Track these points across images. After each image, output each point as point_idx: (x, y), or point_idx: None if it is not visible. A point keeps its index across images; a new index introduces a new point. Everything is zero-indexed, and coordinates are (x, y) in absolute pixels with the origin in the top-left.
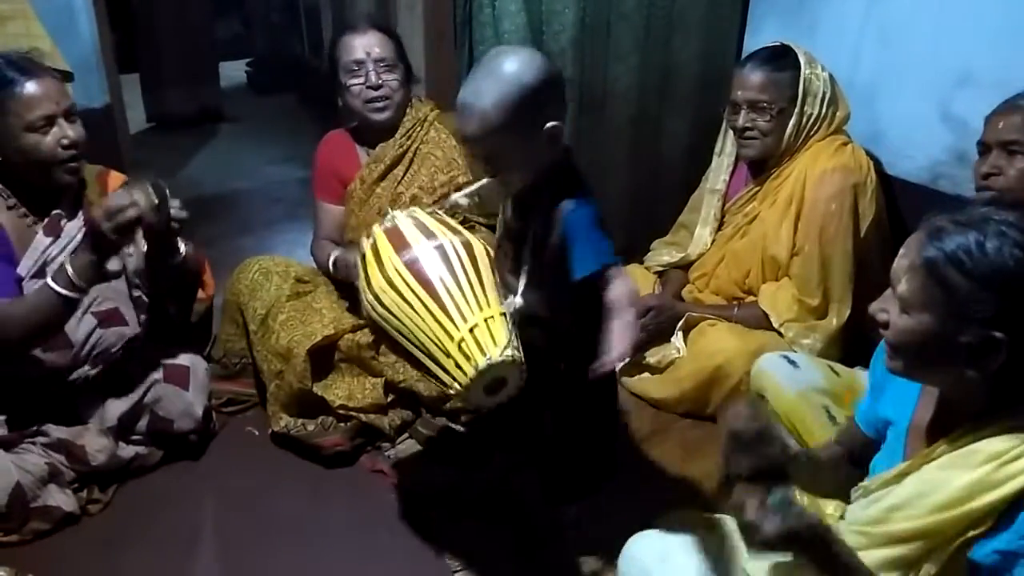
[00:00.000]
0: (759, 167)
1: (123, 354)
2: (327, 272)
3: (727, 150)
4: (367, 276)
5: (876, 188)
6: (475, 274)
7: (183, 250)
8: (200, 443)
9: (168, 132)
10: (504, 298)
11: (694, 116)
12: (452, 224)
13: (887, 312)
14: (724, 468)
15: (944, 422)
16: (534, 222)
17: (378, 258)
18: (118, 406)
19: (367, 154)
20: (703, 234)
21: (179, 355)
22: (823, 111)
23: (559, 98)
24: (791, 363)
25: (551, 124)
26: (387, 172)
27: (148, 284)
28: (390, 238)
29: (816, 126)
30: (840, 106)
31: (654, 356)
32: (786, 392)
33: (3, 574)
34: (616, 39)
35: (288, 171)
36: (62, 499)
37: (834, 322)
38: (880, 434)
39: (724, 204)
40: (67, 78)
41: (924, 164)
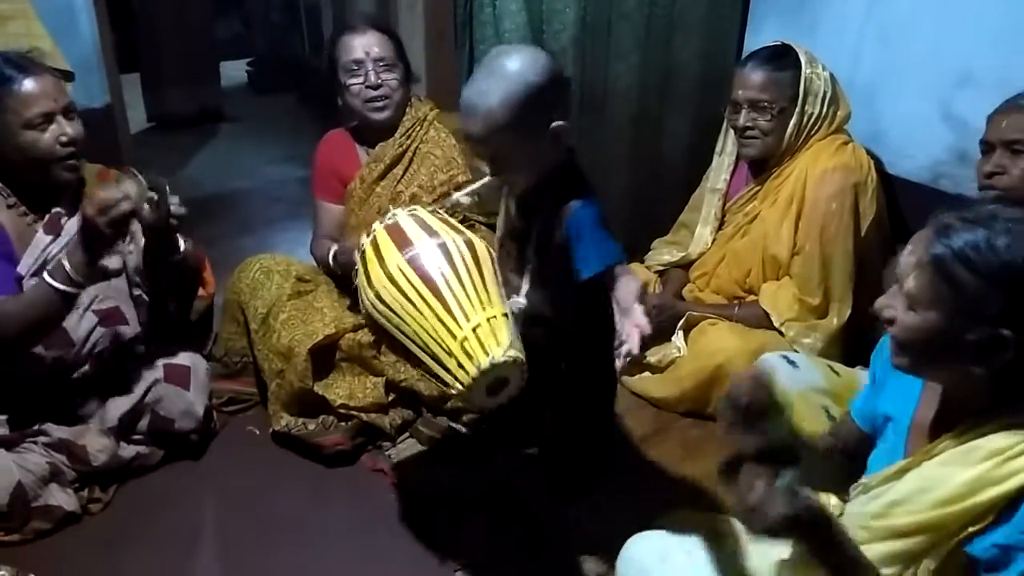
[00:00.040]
0: (760, 166)
1: (123, 352)
2: (328, 268)
3: (728, 149)
4: (367, 273)
5: (877, 187)
6: (478, 273)
7: (183, 247)
8: (201, 443)
9: (168, 132)
10: (507, 297)
11: (695, 115)
12: (453, 223)
13: (893, 309)
14: (729, 445)
15: (947, 419)
16: (538, 222)
17: (379, 255)
18: (119, 406)
19: (367, 153)
20: (704, 233)
21: (180, 355)
22: (824, 110)
23: (564, 97)
24: (791, 363)
25: (555, 124)
26: (387, 171)
27: (148, 281)
28: (391, 235)
29: (817, 125)
30: (841, 105)
31: (655, 355)
32: (786, 392)
33: (4, 573)
34: (617, 38)
35: (288, 170)
36: (63, 498)
37: (835, 321)
38: (876, 430)
39: (725, 203)
40: (68, 78)
41: (925, 163)
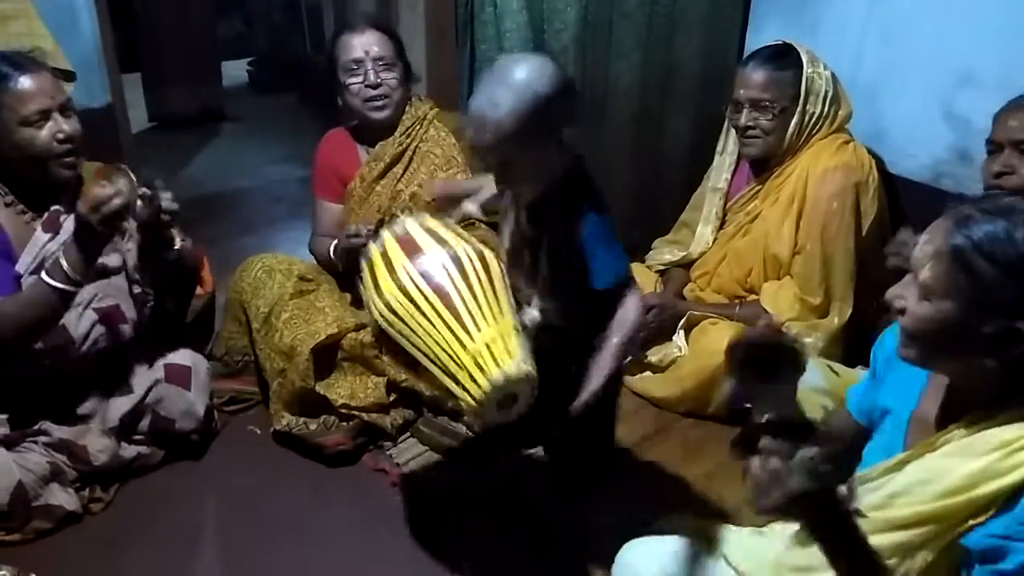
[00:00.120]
0: (761, 166)
1: (123, 350)
2: (328, 263)
3: (729, 148)
4: (375, 282)
5: (878, 187)
6: (489, 284)
7: (179, 244)
8: (202, 442)
9: (170, 131)
10: (518, 307)
11: (696, 114)
12: (461, 231)
13: (904, 299)
14: (742, 410)
15: (952, 412)
16: (549, 230)
17: (389, 264)
18: (120, 406)
19: (367, 152)
20: (705, 232)
21: (181, 354)
22: (825, 110)
23: (572, 106)
24: None
25: (564, 132)
26: (387, 170)
27: (144, 278)
28: (401, 244)
29: (818, 125)
30: (842, 105)
31: (656, 355)
32: None
33: (5, 573)
34: (618, 37)
35: (290, 170)
36: (64, 498)
37: (836, 321)
38: (873, 423)
39: (726, 203)
40: (69, 77)
41: (926, 163)
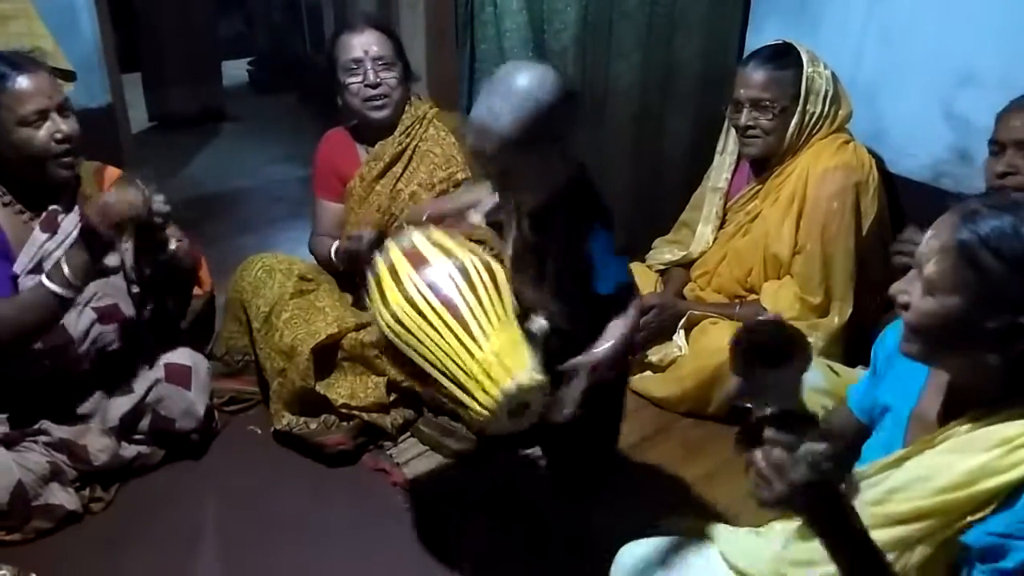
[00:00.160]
0: (761, 165)
1: (123, 349)
2: (328, 264)
3: (729, 148)
4: (383, 295)
5: (878, 186)
6: (496, 294)
7: (173, 245)
8: (202, 442)
9: (170, 131)
10: (526, 315)
11: (696, 114)
12: (466, 242)
13: (908, 294)
14: (747, 401)
15: (953, 409)
16: (554, 237)
17: (395, 276)
18: (120, 406)
19: (367, 152)
20: (705, 232)
21: (181, 354)
22: (825, 109)
23: (574, 115)
24: None
25: (566, 141)
26: (386, 170)
27: (139, 279)
28: (407, 256)
29: (818, 124)
30: (842, 104)
31: (656, 355)
32: None
33: (6, 573)
34: (618, 37)
35: (290, 169)
36: (64, 497)
37: (836, 320)
38: (873, 421)
39: (726, 202)
40: (69, 77)
41: (926, 162)
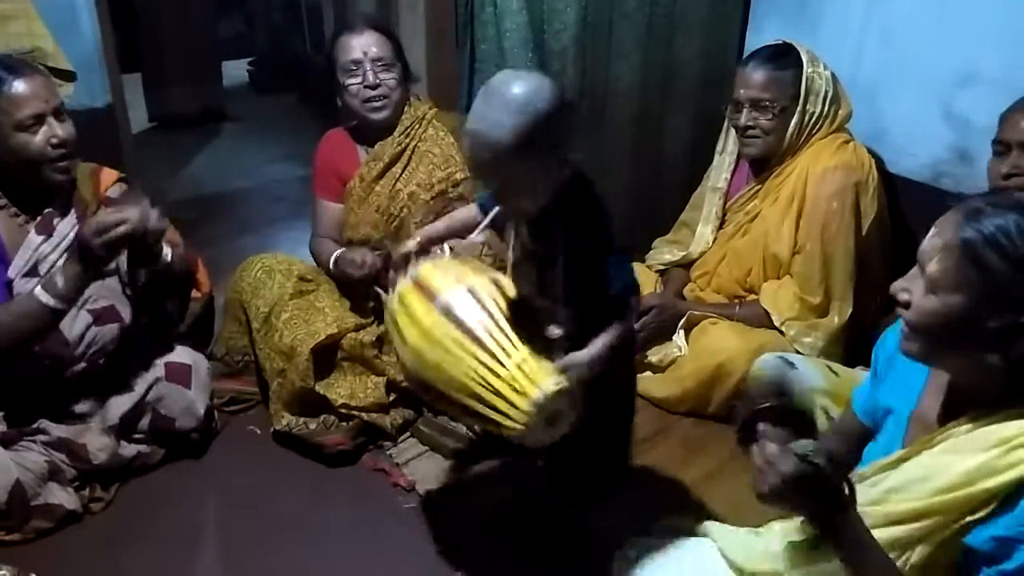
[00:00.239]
0: (761, 165)
1: (120, 350)
2: (327, 269)
3: (729, 148)
4: (401, 334)
5: (878, 186)
6: (508, 309)
7: (169, 255)
8: (202, 442)
9: (170, 131)
10: (533, 321)
11: (696, 114)
12: (470, 261)
13: (909, 292)
14: (747, 404)
15: (953, 411)
16: (555, 244)
17: (409, 313)
18: (120, 405)
19: (366, 152)
20: (705, 232)
21: (181, 353)
22: (825, 109)
23: (570, 123)
24: (789, 364)
25: (564, 148)
26: (386, 170)
27: (133, 286)
28: (418, 289)
29: (818, 124)
30: (842, 104)
31: (656, 355)
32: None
33: (5, 573)
34: (618, 37)
35: (290, 170)
36: (63, 497)
37: (836, 320)
38: (877, 424)
39: (726, 202)
40: (69, 77)
41: (926, 162)
